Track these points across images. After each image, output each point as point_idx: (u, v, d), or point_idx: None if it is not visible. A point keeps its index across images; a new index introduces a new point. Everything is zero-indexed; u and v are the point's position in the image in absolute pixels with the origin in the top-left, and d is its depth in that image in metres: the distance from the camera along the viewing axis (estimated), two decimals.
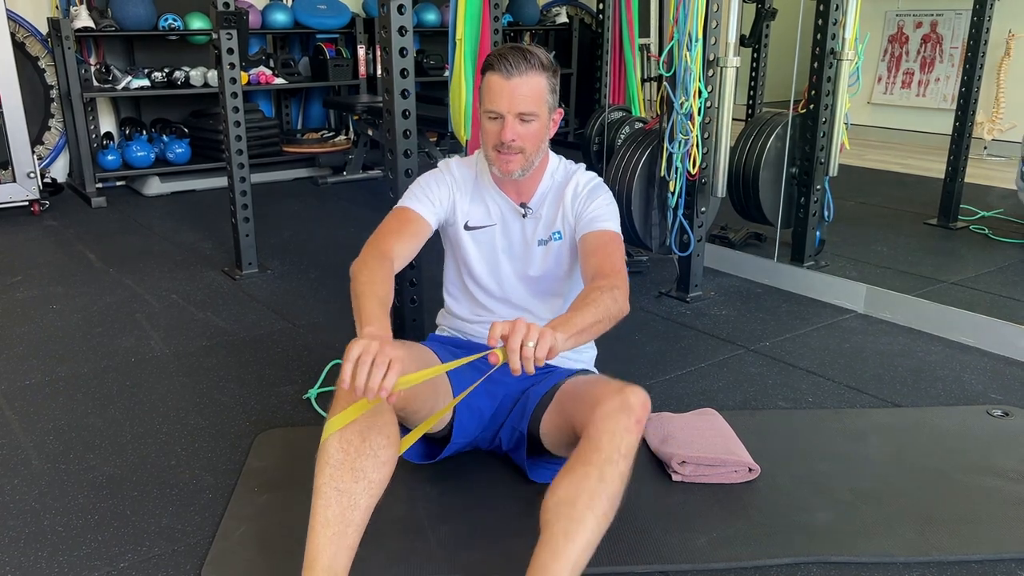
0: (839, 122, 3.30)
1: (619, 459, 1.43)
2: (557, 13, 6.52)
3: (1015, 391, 2.41)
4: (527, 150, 1.77)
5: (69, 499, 1.87)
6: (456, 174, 1.93)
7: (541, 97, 1.74)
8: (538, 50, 1.76)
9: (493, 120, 1.75)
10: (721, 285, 3.35)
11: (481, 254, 1.93)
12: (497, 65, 1.72)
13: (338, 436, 1.46)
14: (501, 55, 1.73)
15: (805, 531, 1.74)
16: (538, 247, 1.90)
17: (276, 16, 5.34)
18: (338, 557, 1.42)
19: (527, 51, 1.73)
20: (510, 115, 1.73)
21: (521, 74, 1.71)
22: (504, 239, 1.92)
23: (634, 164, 3.21)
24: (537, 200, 1.90)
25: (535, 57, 1.72)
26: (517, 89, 1.71)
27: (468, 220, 1.92)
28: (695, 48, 2.86)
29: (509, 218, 1.92)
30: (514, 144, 1.74)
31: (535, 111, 1.74)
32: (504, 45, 1.81)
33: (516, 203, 1.90)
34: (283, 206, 4.71)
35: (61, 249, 3.88)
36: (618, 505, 1.42)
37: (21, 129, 4.27)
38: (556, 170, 1.92)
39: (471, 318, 1.99)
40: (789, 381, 2.49)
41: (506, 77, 1.71)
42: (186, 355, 2.67)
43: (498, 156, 1.78)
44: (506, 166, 1.79)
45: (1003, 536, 1.72)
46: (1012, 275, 3.39)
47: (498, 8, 3.32)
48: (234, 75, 3.26)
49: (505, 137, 1.73)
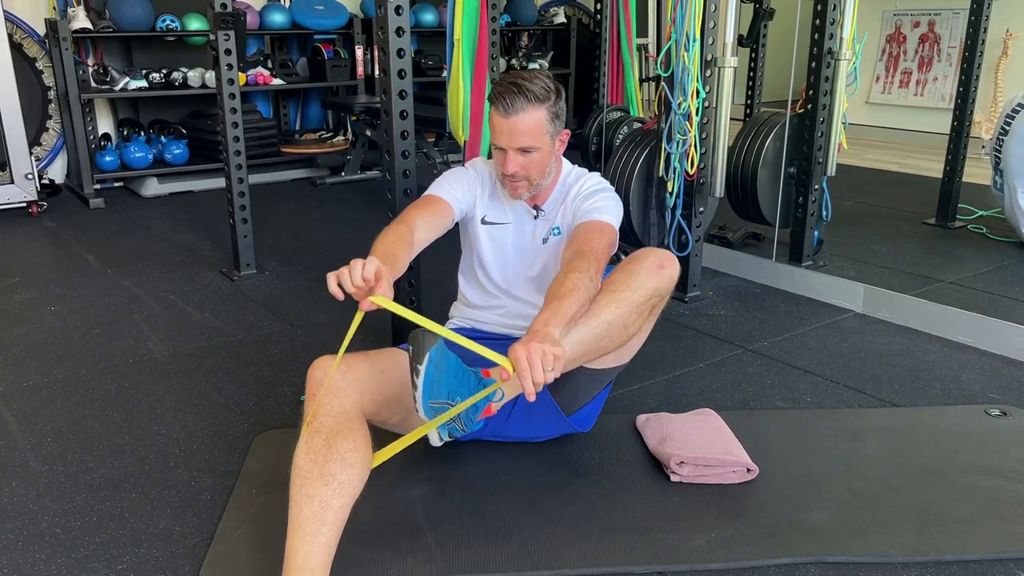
0: (837, 122, 3.30)
1: (635, 289, 1.73)
2: (555, 13, 6.52)
3: (1013, 391, 2.41)
4: (532, 177, 1.91)
5: (67, 501, 1.87)
6: (482, 172, 2.07)
7: (540, 130, 1.84)
8: (535, 82, 1.82)
9: (499, 151, 1.88)
10: (719, 285, 3.35)
11: (494, 248, 2.07)
12: (497, 103, 1.82)
13: (304, 447, 1.53)
14: (500, 93, 1.82)
15: (803, 531, 1.74)
16: (542, 244, 2.02)
17: (274, 17, 5.34)
18: (311, 555, 1.45)
19: (523, 87, 1.80)
20: (511, 150, 1.85)
21: (518, 112, 1.81)
22: (517, 238, 2.06)
23: (632, 164, 3.21)
24: (550, 204, 2.04)
25: (531, 92, 1.80)
26: (516, 127, 1.82)
27: (486, 215, 2.06)
28: (693, 48, 2.86)
29: (523, 219, 2.05)
30: (518, 174, 1.88)
31: (535, 144, 1.85)
32: (505, 78, 1.87)
33: (530, 206, 2.04)
34: (281, 207, 4.71)
35: (59, 250, 3.88)
36: (633, 332, 1.77)
37: (19, 130, 4.27)
38: (568, 176, 2.05)
39: (479, 304, 2.13)
40: (787, 381, 2.49)
41: (504, 116, 1.82)
42: (184, 356, 2.67)
43: (507, 181, 1.92)
44: (514, 192, 1.95)
45: (1001, 536, 1.72)
46: (1010, 274, 3.39)
47: (496, 8, 3.32)
48: (232, 76, 3.26)
49: (507, 170, 1.88)
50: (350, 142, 5.61)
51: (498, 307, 2.10)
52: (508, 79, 1.85)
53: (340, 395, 1.62)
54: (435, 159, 5.03)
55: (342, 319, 2.94)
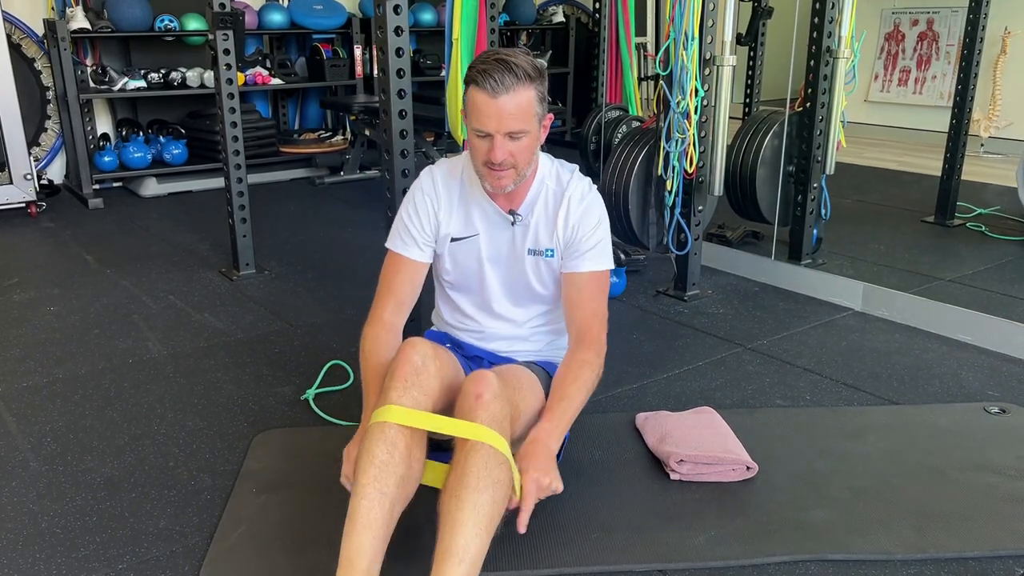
0: (836, 120, 3.30)
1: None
2: (554, 12, 6.52)
3: (1012, 388, 2.41)
4: (519, 165, 1.70)
5: (67, 501, 1.87)
6: (440, 188, 1.85)
7: (530, 111, 1.65)
8: (522, 58, 1.64)
9: (482, 138, 1.67)
10: (718, 283, 3.35)
11: (465, 264, 1.88)
12: (482, 81, 1.61)
13: (382, 438, 1.50)
14: (485, 71, 1.61)
15: (803, 529, 1.74)
16: (528, 256, 1.86)
17: (272, 16, 5.33)
18: (376, 562, 1.43)
19: (512, 63, 1.61)
20: (499, 135, 1.64)
21: (507, 91, 1.60)
22: (490, 247, 1.86)
23: (631, 163, 3.21)
24: (526, 207, 1.83)
25: (520, 68, 1.61)
26: (504, 108, 1.61)
27: (452, 232, 1.86)
28: (691, 47, 2.86)
29: (497, 226, 1.85)
30: (506, 162, 1.67)
31: (525, 127, 1.65)
32: (487, 54, 1.66)
33: (505, 211, 1.83)
34: (280, 207, 4.71)
35: (58, 251, 3.87)
36: None
37: (18, 131, 4.27)
38: (547, 175, 1.84)
39: (455, 324, 1.98)
40: (787, 379, 2.49)
41: (492, 96, 1.61)
42: (183, 356, 2.66)
43: (489, 172, 1.70)
44: (498, 182, 1.72)
45: (1000, 533, 1.72)
46: (1009, 272, 3.40)
47: (494, 7, 3.32)
48: (231, 76, 3.26)
49: (495, 158, 1.66)
50: (349, 142, 5.61)
51: (475, 331, 1.95)
52: (491, 55, 1.64)
53: (427, 391, 1.58)
54: (433, 158, 5.01)
55: (341, 320, 2.94)
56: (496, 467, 1.48)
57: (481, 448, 1.48)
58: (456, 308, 1.96)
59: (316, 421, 2.24)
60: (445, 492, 1.48)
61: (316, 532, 1.73)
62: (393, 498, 1.46)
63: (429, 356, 1.62)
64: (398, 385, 1.57)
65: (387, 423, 1.52)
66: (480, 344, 1.95)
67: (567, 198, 1.82)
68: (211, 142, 4.96)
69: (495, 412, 1.54)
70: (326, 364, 2.51)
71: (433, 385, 1.60)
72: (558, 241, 1.83)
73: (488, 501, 1.45)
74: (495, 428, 1.53)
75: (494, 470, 1.47)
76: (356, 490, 1.47)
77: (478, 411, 1.53)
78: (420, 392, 1.57)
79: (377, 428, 1.52)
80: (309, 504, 1.83)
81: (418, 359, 1.60)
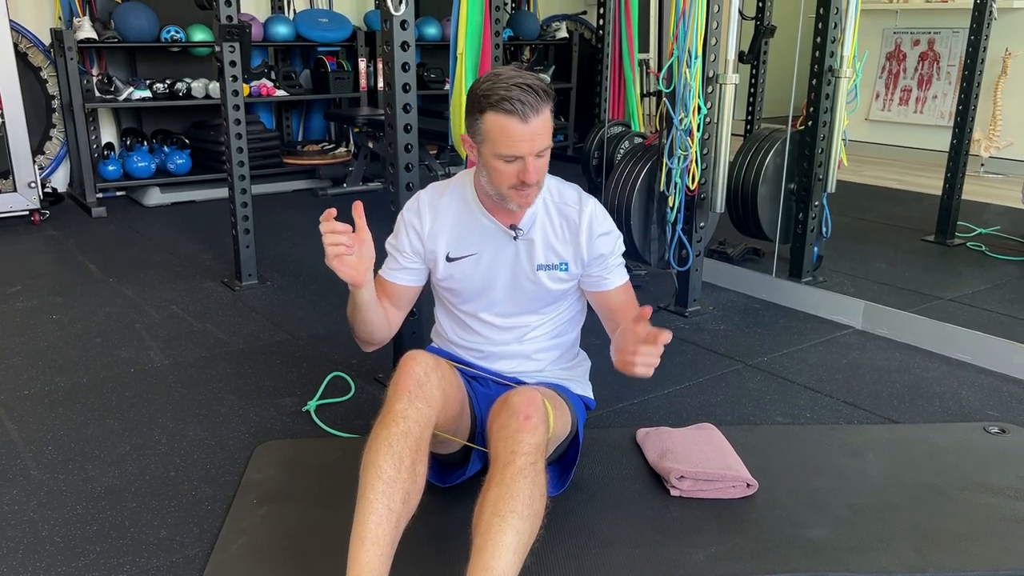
0: (837, 138, 3.32)
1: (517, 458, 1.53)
2: (557, 28, 6.56)
3: (1012, 408, 2.42)
4: (542, 180, 1.73)
5: (68, 510, 1.87)
6: (425, 212, 1.86)
7: (550, 127, 1.68)
8: (532, 77, 1.65)
9: (510, 163, 1.66)
10: (719, 300, 3.36)
11: (465, 282, 1.87)
12: (511, 108, 1.60)
13: (387, 449, 1.50)
14: (508, 98, 1.60)
15: (803, 547, 1.74)
16: (539, 271, 1.85)
17: (278, 29, 5.36)
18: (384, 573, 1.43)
19: (531, 85, 1.62)
20: (531, 156, 1.65)
21: (537, 113, 1.62)
22: (493, 264, 1.85)
23: (633, 179, 3.22)
24: (527, 221, 1.82)
25: (539, 88, 1.63)
26: (537, 130, 1.63)
27: (449, 252, 1.86)
28: (695, 65, 2.88)
29: (499, 242, 1.84)
30: (538, 182, 1.70)
31: (548, 143, 1.68)
32: (496, 80, 1.64)
33: (506, 226, 1.82)
34: (283, 218, 4.72)
35: (61, 259, 3.88)
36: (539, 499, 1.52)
37: (22, 139, 4.29)
38: (544, 189, 1.83)
39: (456, 341, 1.97)
40: (787, 396, 2.49)
41: (523, 120, 1.61)
42: (185, 366, 2.67)
43: (518, 194, 1.70)
44: (526, 200, 1.74)
45: (1000, 553, 1.73)
46: (1009, 292, 3.41)
47: (499, 23, 3.34)
48: (236, 87, 3.28)
49: (531, 179, 1.66)
50: (352, 154, 5.63)
51: (477, 349, 1.94)
52: (502, 80, 1.62)
53: (431, 403, 1.59)
54: (437, 171, 5.04)
55: (343, 332, 2.94)
56: (539, 499, 1.49)
57: (530, 474, 1.49)
58: (457, 323, 1.95)
59: (317, 432, 2.25)
60: (487, 508, 1.46)
61: (317, 544, 1.73)
62: (399, 514, 1.47)
63: (431, 367, 1.64)
64: (403, 396, 1.58)
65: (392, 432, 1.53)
66: (482, 363, 1.95)
67: (587, 216, 1.83)
68: (215, 152, 4.98)
69: (540, 438, 1.55)
70: (328, 376, 2.51)
71: (436, 396, 1.61)
72: (581, 259, 1.84)
73: (528, 531, 1.45)
74: (540, 454, 1.54)
75: (536, 502, 1.48)
76: (363, 505, 1.47)
77: (524, 433, 1.54)
78: (424, 403, 1.58)
79: (384, 441, 1.52)
80: (310, 516, 1.83)
81: (420, 371, 1.62)
